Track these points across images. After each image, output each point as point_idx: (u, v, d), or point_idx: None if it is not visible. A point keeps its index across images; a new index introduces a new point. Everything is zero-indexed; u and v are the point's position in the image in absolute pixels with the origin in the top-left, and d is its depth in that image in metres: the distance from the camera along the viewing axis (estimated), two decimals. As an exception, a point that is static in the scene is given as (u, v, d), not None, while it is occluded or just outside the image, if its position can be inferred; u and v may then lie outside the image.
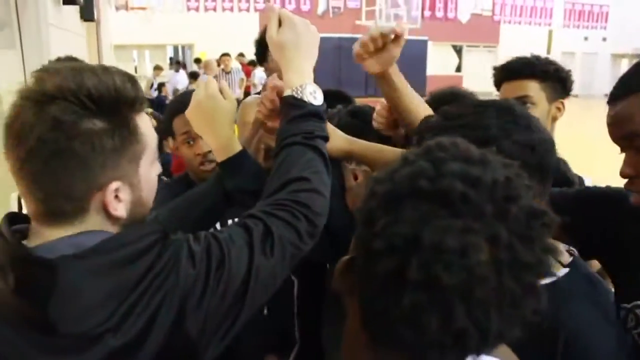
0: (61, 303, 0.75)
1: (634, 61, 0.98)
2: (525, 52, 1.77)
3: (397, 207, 0.58)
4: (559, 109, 1.69)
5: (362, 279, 0.63)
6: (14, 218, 0.83)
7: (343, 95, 2.05)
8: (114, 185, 0.80)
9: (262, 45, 2.42)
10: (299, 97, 1.08)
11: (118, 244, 0.79)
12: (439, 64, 23.02)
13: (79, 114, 0.75)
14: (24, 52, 3.18)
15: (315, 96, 1.09)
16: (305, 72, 1.10)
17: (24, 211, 0.85)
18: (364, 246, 0.62)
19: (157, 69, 14.35)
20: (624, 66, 26.53)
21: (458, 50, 24.12)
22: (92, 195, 0.79)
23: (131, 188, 0.83)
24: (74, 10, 5.15)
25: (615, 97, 0.95)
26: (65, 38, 4.48)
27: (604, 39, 25.31)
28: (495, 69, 1.78)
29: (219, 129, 1.19)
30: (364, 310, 0.64)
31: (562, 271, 0.95)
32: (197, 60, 14.18)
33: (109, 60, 10.12)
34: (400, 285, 0.56)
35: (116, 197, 0.81)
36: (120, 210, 0.81)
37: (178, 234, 0.88)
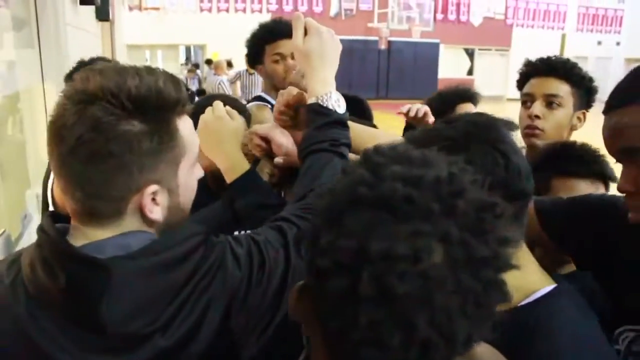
0: (113, 303, 0.75)
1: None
2: (538, 55, 1.76)
3: (339, 220, 0.55)
4: (579, 119, 1.68)
5: (316, 304, 0.59)
6: (55, 216, 0.84)
7: (358, 100, 2.06)
8: (152, 188, 0.80)
9: (258, 46, 2.38)
10: (325, 105, 1.10)
11: (166, 245, 0.80)
12: (451, 66, 22.94)
13: (118, 115, 0.75)
14: (42, 51, 3.20)
15: (339, 104, 1.12)
16: (329, 81, 1.12)
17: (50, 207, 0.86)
18: (312, 267, 0.58)
19: (191, 71, 14.17)
20: (638, 71, 26.30)
21: (470, 54, 24.04)
22: (129, 197, 0.79)
23: (169, 192, 0.83)
24: (89, 10, 5.20)
25: (610, 107, 0.90)
26: (81, 38, 4.52)
27: (618, 44, 25.09)
28: (526, 63, 1.74)
29: (227, 150, 1.22)
30: (324, 337, 0.61)
31: (546, 289, 0.89)
32: (209, 62, 14.20)
33: (122, 60, 10.18)
34: (354, 304, 0.52)
35: (153, 200, 0.81)
36: (156, 213, 0.81)
37: (220, 236, 0.90)
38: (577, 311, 0.89)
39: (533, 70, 1.69)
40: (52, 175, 2.03)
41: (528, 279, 0.91)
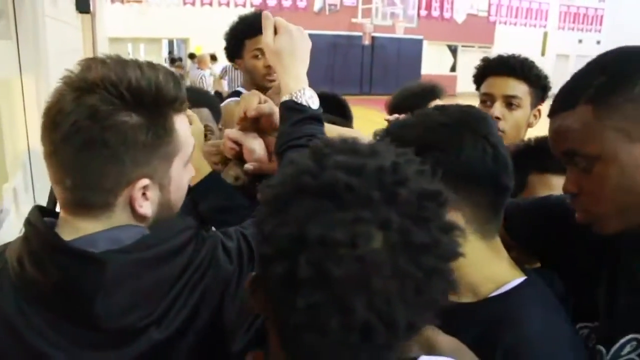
0: (108, 297, 0.75)
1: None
2: (520, 53, 1.78)
3: (283, 209, 0.56)
4: (535, 116, 1.71)
5: (266, 292, 0.60)
6: (42, 210, 0.83)
7: (337, 99, 2.05)
8: (143, 181, 0.79)
9: (237, 40, 2.35)
10: (299, 101, 1.11)
11: (159, 239, 0.80)
12: (434, 63, 23.07)
13: (116, 105, 0.74)
14: (20, 43, 3.14)
15: (313, 100, 1.13)
16: (302, 78, 1.13)
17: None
18: (259, 256, 0.60)
19: (178, 67, 13.92)
20: (618, 69, 26.67)
21: (453, 50, 24.19)
22: (120, 189, 0.78)
23: (160, 188, 0.82)
24: (69, 2, 5.13)
25: (554, 111, 0.92)
26: (61, 30, 4.46)
27: (598, 42, 25.42)
28: (484, 60, 1.75)
29: None
30: (275, 326, 0.62)
31: (516, 281, 0.91)
32: (192, 56, 14.11)
33: (104, 53, 10.08)
34: (293, 288, 0.53)
35: (144, 194, 0.80)
36: (145, 208, 0.80)
37: (210, 230, 0.90)
38: (546, 303, 0.90)
39: (491, 68, 1.71)
40: None
41: (499, 271, 0.93)
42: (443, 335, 0.78)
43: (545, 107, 1.64)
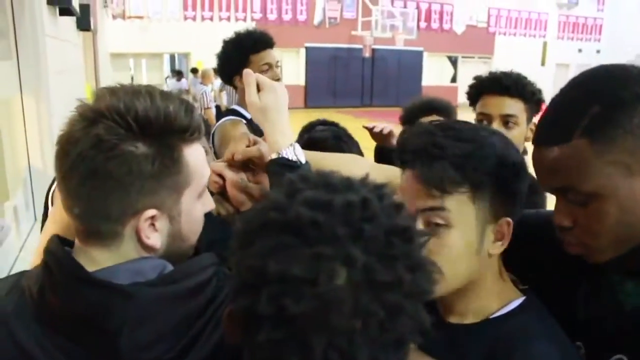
0: (134, 330, 0.74)
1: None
2: (520, 63, 1.79)
3: (250, 242, 0.56)
4: (531, 130, 1.70)
5: (236, 324, 0.60)
6: (60, 239, 0.82)
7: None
8: (149, 212, 0.77)
9: (242, 55, 2.28)
10: (290, 157, 1.10)
11: (184, 274, 0.79)
12: (435, 74, 23.16)
13: (121, 135, 0.74)
14: (20, 63, 3.17)
15: (301, 154, 1.12)
16: (288, 133, 1.13)
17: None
18: (230, 288, 0.61)
19: (215, 72, 13.84)
20: (618, 78, 26.72)
21: (453, 61, 24.28)
22: (126, 218, 0.77)
23: (170, 219, 0.80)
24: (70, 20, 5.16)
25: (543, 142, 0.86)
26: (61, 48, 4.49)
27: (598, 51, 25.52)
28: (478, 79, 1.75)
29: None
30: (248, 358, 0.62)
31: (515, 302, 0.91)
32: (194, 70, 14.17)
33: (106, 69, 10.15)
34: (256, 323, 0.53)
35: (152, 225, 0.79)
36: (153, 239, 0.79)
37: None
38: (546, 319, 0.91)
39: (486, 87, 1.70)
40: (53, 187, 2.01)
41: (503, 289, 0.93)
42: (426, 357, 0.79)
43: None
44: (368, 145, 2.00)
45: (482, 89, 1.71)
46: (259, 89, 1.13)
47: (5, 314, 0.78)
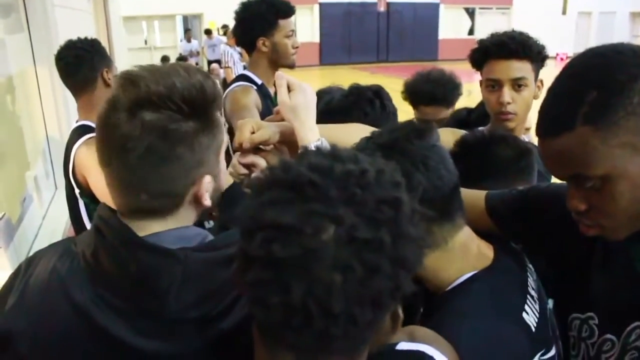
0: (182, 291, 0.81)
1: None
2: (541, 13, 1.75)
3: (256, 195, 0.63)
4: (539, 87, 1.72)
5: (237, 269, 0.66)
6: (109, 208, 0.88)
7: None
8: (207, 179, 0.86)
9: (270, 19, 2.32)
10: None
11: (224, 243, 0.86)
12: (451, 27, 22.65)
13: (178, 119, 0.80)
14: (32, 35, 3.19)
15: (328, 147, 1.15)
16: (316, 129, 1.20)
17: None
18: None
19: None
20: (643, 24, 25.83)
21: (471, 13, 23.68)
22: (189, 190, 0.86)
23: (214, 178, 0.89)
24: (80, -14, 5.12)
25: (547, 133, 0.86)
26: (72, 17, 4.48)
27: (622, -4, 24.64)
28: (482, 43, 1.74)
29: None
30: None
31: (463, 277, 0.99)
32: (208, 32, 14.05)
33: (119, 33, 10.09)
34: (248, 263, 0.59)
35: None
36: (207, 200, 0.87)
37: None
38: (495, 298, 0.97)
39: (492, 52, 1.70)
40: (71, 161, 2.04)
41: (456, 266, 1.00)
42: (424, 329, 0.85)
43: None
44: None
45: (487, 53, 1.70)
46: (289, 89, 1.19)
47: (60, 276, 0.85)
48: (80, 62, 2.11)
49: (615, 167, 0.81)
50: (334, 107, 1.65)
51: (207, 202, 0.87)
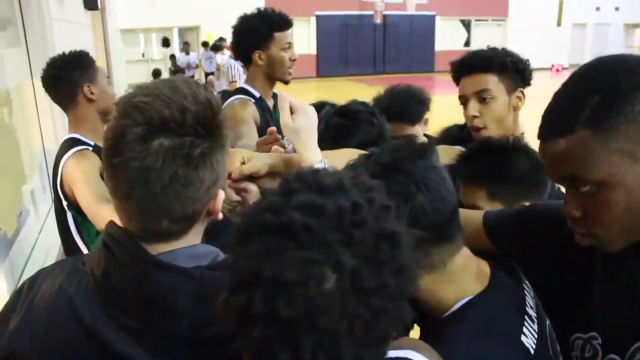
0: (196, 309, 0.80)
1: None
2: (535, 24, 1.77)
3: (247, 241, 0.60)
4: (519, 98, 1.74)
5: (232, 316, 0.64)
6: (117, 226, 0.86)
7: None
8: (221, 193, 0.86)
9: (266, 32, 2.31)
10: None
11: None
12: (448, 38, 22.77)
13: (197, 143, 0.78)
14: (29, 49, 3.20)
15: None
16: (318, 151, 1.20)
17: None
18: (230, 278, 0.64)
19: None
20: (638, 37, 26.02)
21: (466, 25, 23.83)
22: (206, 207, 0.84)
23: (222, 188, 0.88)
24: (77, 1, 5.15)
25: (547, 135, 0.87)
26: (69, 30, 4.50)
27: (617, 9, 24.80)
28: (452, 64, 1.80)
29: None
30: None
31: (460, 302, 0.97)
32: (205, 44, 14.08)
33: (116, 46, 10.13)
34: (250, 320, 0.57)
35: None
36: (221, 214, 0.87)
37: None
38: (488, 325, 0.95)
39: (460, 71, 1.76)
40: (59, 173, 2.03)
41: (454, 288, 0.99)
42: (411, 338, 0.85)
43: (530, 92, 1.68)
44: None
45: (458, 73, 1.77)
46: (291, 111, 1.19)
47: (68, 296, 0.83)
48: (58, 81, 2.11)
49: (612, 174, 0.81)
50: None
51: (221, 215, 0.87)
